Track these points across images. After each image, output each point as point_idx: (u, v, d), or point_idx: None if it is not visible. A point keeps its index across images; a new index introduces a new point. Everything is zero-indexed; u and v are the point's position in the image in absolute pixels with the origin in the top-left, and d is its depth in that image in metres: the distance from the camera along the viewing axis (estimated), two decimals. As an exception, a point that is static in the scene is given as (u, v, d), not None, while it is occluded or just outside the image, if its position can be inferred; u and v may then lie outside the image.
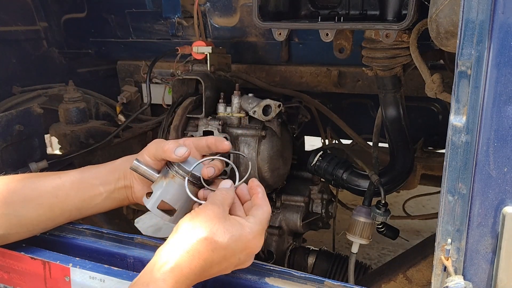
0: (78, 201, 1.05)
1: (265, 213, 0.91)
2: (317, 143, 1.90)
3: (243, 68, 1.81)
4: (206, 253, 0.82)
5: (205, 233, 0.82)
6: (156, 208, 0.99)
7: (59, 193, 1.03)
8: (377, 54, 1.19)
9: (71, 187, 1.04)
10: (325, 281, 0.89)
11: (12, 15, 1.86)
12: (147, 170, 1.01)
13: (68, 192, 1.04)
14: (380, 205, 1.32)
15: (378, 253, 2.89)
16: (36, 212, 1.02)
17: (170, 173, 0.99)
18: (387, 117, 1.33)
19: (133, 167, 1.01)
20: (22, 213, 1.00)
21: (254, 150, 1.37)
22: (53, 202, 1.03)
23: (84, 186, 1.05)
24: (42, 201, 1.02)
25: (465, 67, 0.69)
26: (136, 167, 1.01)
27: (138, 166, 1.01)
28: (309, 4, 1.33)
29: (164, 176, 0.99)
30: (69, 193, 1.04)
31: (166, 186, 0.98)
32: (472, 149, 0.71)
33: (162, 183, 0.99)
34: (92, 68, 2.18)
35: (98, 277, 0.97)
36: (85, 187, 1.05)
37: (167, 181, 0.98)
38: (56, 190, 1.03)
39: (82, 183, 1.05)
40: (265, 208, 0.92)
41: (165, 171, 1.00)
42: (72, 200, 1.05)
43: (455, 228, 0.75)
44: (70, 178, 1.05)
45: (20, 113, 1.43)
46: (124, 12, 1.86)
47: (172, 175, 0.98)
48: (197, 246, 0.81)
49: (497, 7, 0.66)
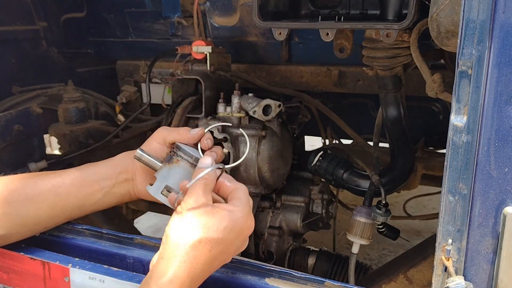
0: (78, 198, 1.05)
1: (246, 192, 0.90)
2: (317, 143, 1.89)
3: (243, 68, 1.81)
4: (203, 255, 0.79)
5: (198, 235, 0.79)
6: (160, 193, 0.98)
7: (60, 191, 1.03)
8: (378, 54, 1.19)
9: (71, 184, 1.04)
10: (326, 281, 0.89)
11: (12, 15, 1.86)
12: (151, 159, 1.02)
13: (68, 189, 1.04)
14: (381, 205, 1.31)
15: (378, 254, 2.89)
16: (37, 211, 1.02)
17: (174, 158, 0.99)
18: (387, 117, 1.33)
19: (137, 155, 1.02)
20: (23, 212, 1.00)
21: (254, 150, 1.37)
22: (53, 200, 1.03)
23: (85, 183, 1.05)
24: (43, 200, 1.02)
25: (466, 67, 0.69)
26: (140, 156, 1.02)
27: (142, 155, 1.02)
28: (309, 3, 1.33)
29: (168, 162, 1.00)
30: (69, 190, 1.04)
31: (170, 171, 0.99)
32: (473, 149, 0.71)
33: (166, 169, 0.99)
34: (92, 68, 2.18)
35: (98, 278, 0.97)
36: (86, 184, 1.05)
37: (170, 166, 0.99)
38: (56, 188, 1.03)
39: (82, 180, 1.05)
40: (242, 187, 0.91)
41: (169, 158, 1.01)
42: (73, 198, 1.05)
43: (455, 229, 0.74)
44: (70, 176, 1.05)
45: (20, 113, 1.43)
46: (123, 12, 1.86)
47: (176, 160, 0.99)
48: (194, 252, 0.79)
49: (498, 6, 0.66)
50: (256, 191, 1.44)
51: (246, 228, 0.86)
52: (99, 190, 1.06)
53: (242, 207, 0.86)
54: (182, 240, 0.79)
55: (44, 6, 1.97)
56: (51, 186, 1.03)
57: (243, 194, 0.89)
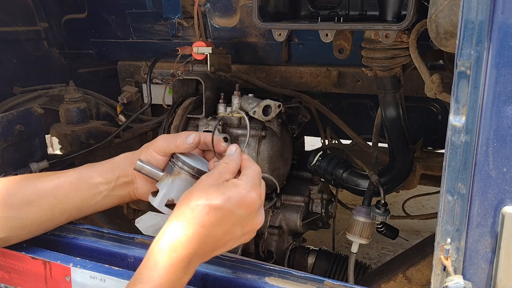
0: (77, 200, 1.05)
1: (255, 170, 0.91)
2: (317, 143, 1.90)
3: (243, 69, 1.81)
4: (200, 217, 0.82)
5: (198, 200, 0.83)
6: (163, 206, 0.99)
7: (58, 194, 1.03)
8: (377, 55, 1.20)
9: (70, 187, 1.04)
10: (325, 280, 0.89)
11: (13, 16, 1.86)
12: (151, 170, 1.01)
13: (67, 192, 1.04)
14: (380, 205, 1.32)
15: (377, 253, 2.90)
16: (37, 214, 1.02)
17: (175, 170, 0.99)
18: (386, 117, 1.33)
19: (137, 168, 1.01)
20: (23, 215, 1.00)
21: (254, 150, 1.37)
22: (53, 203, 1.03)
23: (83, 186, 1.05)
24: (42, 203, 1.02)
25: (465, 68, 0.69)
26: (140, 168, 1.01)
27: (142, 166, 1.01)
28: (309, 4, 1.34)
29: (169, 173, 1.00)
30: (68, 193, 1.04)
31: (172, 184, 0.98)
32: (472, 149, 0.71)
33: (168, 181, 0.99)
34: (93, 69, 2.18)
35: (99, 277, 0.97)
36: (84, 186, 1.05)
37: (172, 178, 0.99)
38: (55, 191, 1.03)
39: (81, 183, 1.05)
40: (253, 166, 0.92)
41: (170, 169, 1.01)
42: (72, 200, 1.05)
43: (454, 228, 0.75)
44: (68, 178, 1.05)
45: (21, 113, 1.43)
46: (124, 13, 1.86)
47: (177, 172, 0.99)
48: (191, 213, 0.82)
49: (497, 7, 0.66)
50: (256, 191, 1.44)
51: (249, 198, 0.86)
52: (98, 193, 1.05)
53: (246, 181, 0.88)
54: (184, 205, 0.83)
55: (45, 7, 1.97)
56: (50, 189, 1.02)
57: (251, 171, 0.91)
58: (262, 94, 1.49)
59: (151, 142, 1.07)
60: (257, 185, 0.90)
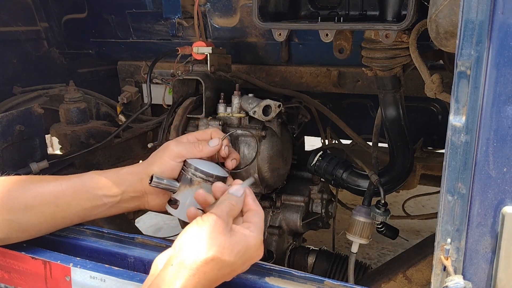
0: (80, 210, 1.04)
1: (262, 218, 0.92)
2: (317, 143, 1.90)
3: (243, 69, 1.81)
4: (212, 273, 0.80)
5: (212, 252, 0.80)
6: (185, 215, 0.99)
7: (60, 202, 1.02)
8: (377, 55, 1.20)
9: (72, 196, 1.03)
10: (325, 280, 0.90)
11: (13, 16, 1.86)
12: (168, 183, 1.02)
13: (69, 201, 1.03)
14: (380, 205, 1.32)
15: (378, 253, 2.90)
16: (37, 220, 1.02)
17: (194, 180, 0.99)
18: (386, 117, 1.33)
19: (154, 184, 1.01)
20: (23, 220, 1.00)
21: (254, 150, 1.37)
22: (54, 211, 1.02)
23: (86, 196, 1.04)
24: (43, 210, 1.01)
25: (465, 68, 0.69)
26: (157, 184, 1.01)
27: (159, 182, 1.01)
28: (309, 4, 1.33)
29: (188, 184, 1.00)
30: (70, 202, 1.03)
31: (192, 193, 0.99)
32: (472, 149, 0.71)
33: (188, 191, 1.00)
34: (93, 69, 2.19)
35: (99, 277, 0.97)
36: (87, 197, 1.04)
37: (192, 188, 1.00)
38: (57, 199, 1.02)
39: (84, 193, 1.04)
40: (260, 212, 0.92)
41: (186, 179, 1.01)
42: (74, 209, 1.04)
43: (454, 228, 0.75)
44: (71, 186, 1.03)
45: (21, 113, 1.43)
46: (124, 13, 1.86)
47: (197, 182, 0.99)
48: (204, 268, 0.79)
49: (497, 7, 0.66)
50: (256, 190, 1.45)
51: (256, 256, 0.89)
52: (102, 205, 1.05)
53: (257, 233, 0.88)
54: (196, 254, 0.80)
55: (45, 7, 1.97)
56: (52, 197, 1.02)
57: (259, 219, 0.90)
58: (262, 94, 1.49)
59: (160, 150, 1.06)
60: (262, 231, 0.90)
